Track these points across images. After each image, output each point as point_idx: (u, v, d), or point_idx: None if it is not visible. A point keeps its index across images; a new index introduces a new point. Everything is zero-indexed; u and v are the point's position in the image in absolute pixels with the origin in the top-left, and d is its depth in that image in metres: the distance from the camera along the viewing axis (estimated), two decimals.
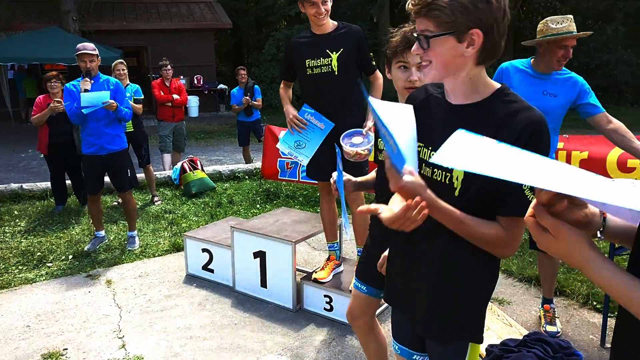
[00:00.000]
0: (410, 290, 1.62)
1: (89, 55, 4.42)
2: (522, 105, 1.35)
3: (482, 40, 1.31)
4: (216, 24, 17.39)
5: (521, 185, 1.31)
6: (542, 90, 3.12)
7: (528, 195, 1.32)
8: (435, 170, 1.45)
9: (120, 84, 4.71)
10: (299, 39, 3.42)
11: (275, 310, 3.64)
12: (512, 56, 20.03)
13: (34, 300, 3.83)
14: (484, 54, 1.34)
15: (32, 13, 15.30)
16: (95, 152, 4.50)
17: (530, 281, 4.02)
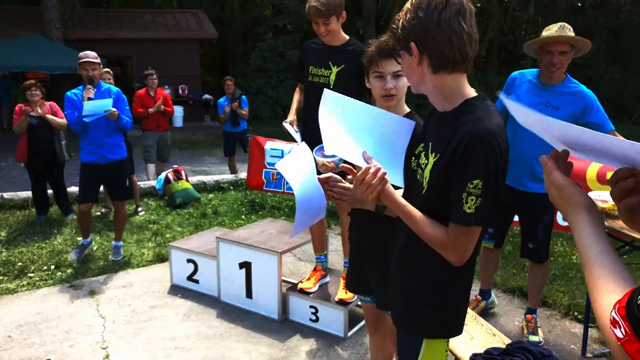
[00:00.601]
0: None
1: (91, 63, 4.41)
2: (473, 117, 1.43)
3: (420, 50, 1.44)
4: (202, 34, 17.39)
5: (460, 195, 1.41)
6: (545, 102, 3.08)
7: (465, 207, 1.40)
8: (418, 169, 1.60)
9: (121, 92, 4.69)
10: (312, 43, 3.43)
11: (261, 321, 3.64)
12: (497, 68, 20.48)
13: (16, 311, 3.77)
14: (433, 62, 1.44)
15: (14, 21, 15.13)
16: (96, 160, 4.47)
17: (514, 292, 4.09)
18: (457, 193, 1.41)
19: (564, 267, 4.55)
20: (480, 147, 1.37)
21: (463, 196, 1.40)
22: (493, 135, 1.38)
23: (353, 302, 3.45)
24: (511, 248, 5.04)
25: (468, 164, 1.39)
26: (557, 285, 4.17)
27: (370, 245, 2.22)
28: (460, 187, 1.40)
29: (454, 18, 1.39)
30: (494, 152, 1.38)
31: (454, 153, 1.41)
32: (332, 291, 3.60)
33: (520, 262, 4.66)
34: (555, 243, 5.22)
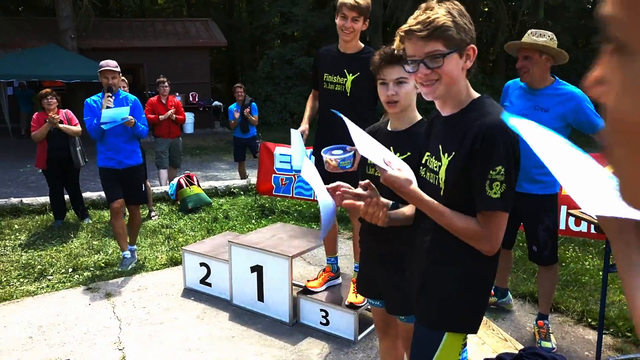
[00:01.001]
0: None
1: (111, 71, 4.54)
2: (481, 113, 1.53)
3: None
4: (211, 42, 17.59)
5: (483, 183, 1.48)
6: (534, 105, 3.18)
7: (490, 193, 1.47)
8: (429, 173, 1.68)
9: (138, 101, 4.81)
10: (326, 50, 3.47)
11: (272, 324, 3.70)
12: (504, 73, 20.44)
13: (36, 312, 3.87)
14: (473, 66, 1.57)
15: (31, 31, 15.43)
16: (113, 166, 4.58)
17: (525, 297, 4.09)
18: (481, 182, 1.49)
19: (576, 272, 4.55)
20: (498, 135, 1.46)
21: (486, 184, 1.47)
22: (506, 126, 1.45)
23: (363, 306, 3.49)
24: (521, 253, 5.05)
25: (490, 153, 1.47)
26: (569, 291, 4.17)
27: (380, 249, 2.25)
28: (483, 176, 1.48)
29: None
30: (510, 139, 1.47)
31: (472, 147, 1.49)
32: (342, 295, 3.65)
33: (531, 267, 4.67)
34: (567, 248, 5.22)
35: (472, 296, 1.65)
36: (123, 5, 22.65)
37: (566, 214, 4.53)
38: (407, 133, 2.08)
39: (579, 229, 4.57)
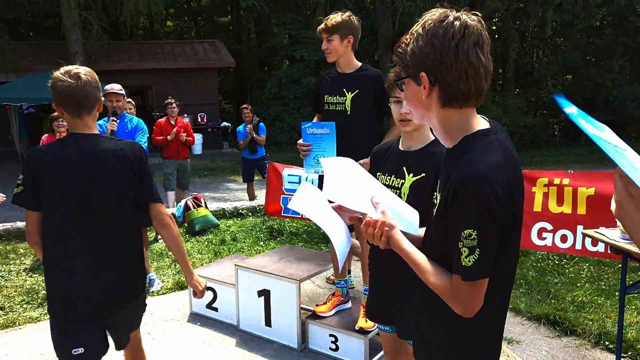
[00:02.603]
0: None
1: (116, 94, 4.57)
2: (465, 159, 1.31)
3: (431, 82, 1.32)
4: (219, 63, 17.78)
5: (457, 246, 1.29)
6: None
7: (462, 259, 1.28)
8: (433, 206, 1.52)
9: (142, 122, 4.81)
10: (326, 74, 3.50)
11: (280, 350, 3.60)
12: (514, 91, 20.42)
13: (39, 340, 3.79)
14: (444, 96, 1.32)
15: (41, 55, 15.70)
16: None
17: (540, 319, 3.97)
18: (455, 243, 1.31)
19: (592, 293, 4.41)
20: (469, 194, 1.25)
21: (460, 247, 1.29)
22: (483, 179, 1.24)
23: (374, 331, 3.39)
24: (534, 274, 4.93)
25: (458, 213, 1.28)
26: (585, 312, 4.04)
27: (389, 272, 2.19)
28: (456, 237, 1.30)
29: (472, 50, 1.28)
30: (485, 199, 1.23)
31: (447, 199, 1.32)
32: (352, 319, 3.55)
33: (545, 288, 4.54)
34: (582, 268, 5.09)
35: (471, 349, 1.47)
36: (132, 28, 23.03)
37: (582, 235, 4.41)
38: (421, 153, 2.02)
39: (595, 249, 4.45)
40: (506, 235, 1.32)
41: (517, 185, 1.33)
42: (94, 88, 2.16)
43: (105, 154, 2.13)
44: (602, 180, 4.48)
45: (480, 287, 1.32)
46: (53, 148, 2.14)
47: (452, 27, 1.28)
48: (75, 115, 2.13)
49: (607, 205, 4.41)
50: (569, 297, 4.32)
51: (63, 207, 2.09)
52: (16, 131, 14.22)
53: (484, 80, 1.33)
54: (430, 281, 1.39)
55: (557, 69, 18.84)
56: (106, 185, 2.13)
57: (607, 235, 3.09)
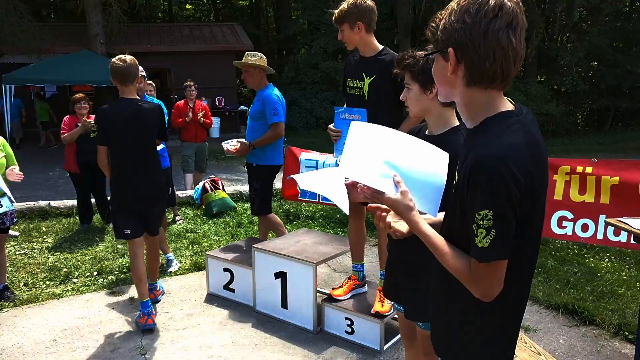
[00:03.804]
0: None
1: None
2: (483, 140, 1.29)
3: (458, 59, 1.30)
4: (238, 47, 17.71)
5: (472, 227, 1.28)
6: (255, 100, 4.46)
7: (477, 241, 1.27)
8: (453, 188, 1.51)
9: (163, 105, 4.82)
10: (352, 56, 3.45)
11: (295, 332, 3.63)
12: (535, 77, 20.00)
13: (61, 315, 3.89)
14: (469, 74, 1.30)
15: (62, 37, 15.83)
16: None
17: (558, 308, 3.93)
18: (471, 225, 1.29)
19: (612, 283, 4.35)
20: (484, 174, 1.23)
21: (475, 228, 1.27)
22: (499, 160, 1.22)
23: (389, 315, 3.39)
24: (553, 263, 4.87)
25: (474, 193, 1.26)
26: (605, 302, 3.98)
27: (404, 255, 2.21)
28: (471, 217, 1.28)
29: (503, 30, 1.25)
30: (502, 181, 1.21)
31: (464, 180, 1.30)
32: (368, 303, 3.55)
33: (564, 277, 4.49)
34: (603, 258, 5.01)
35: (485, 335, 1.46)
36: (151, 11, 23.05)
37: (604, 224, 4.34)
38: (439, 139, 1.99)
39: (617, 239, 4.37)
40: (525, 220, 1.29)
41: (538, 169, 1.29)
42: (134, 68, 3.57)
43: (143, 110, 3.60)
44: (627, 169, 4.38)
45: (498, 269, 1.29)
46: (112, 107, 3.62)
47: (486, 5, 1.25)
48: (123, 85, 3.57)
49: (632, 194, 4.34)
50: (589, 287, 4.26)
51: (120, 142, 3.56)
52: (37, 112, 14.42)
53: (512, 63, 1.29)
54: (449, 264, 1.38)
55: (582, 56, 18.37)
56: (144, 129, 3.61)
57: (631, 225, 3.02)
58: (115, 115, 3.55)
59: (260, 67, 4.39)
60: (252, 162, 4.49)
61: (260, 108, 4.37)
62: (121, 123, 3.53)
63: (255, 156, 4.43)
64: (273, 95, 4.38)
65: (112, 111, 3.58)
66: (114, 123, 3.53)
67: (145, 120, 3.60)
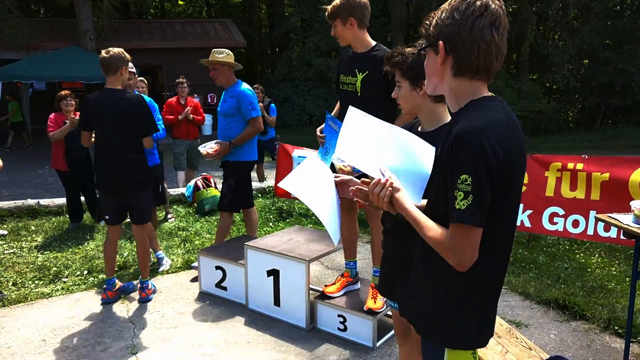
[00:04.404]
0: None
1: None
2: (466, 115, 1.44)
3: (447, 51, 1.46)
4: (230, 43, 17.61)
5: (453, 193, 1.39)
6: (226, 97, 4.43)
7: (456, 204, 1.37)
8: None
9: (153, 102, 4.79)
10: (345, 52, 3.44)
11: (288, 329, 3.62)
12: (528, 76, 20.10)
13: (50, 315, 3.85)
14: (456, 65, 1.46)
15: (51, 32, 15.66)
16: None
17: (549, 304, 3.96)
18: (451, 191, 1.40)
19: (602, 278, 4.38)
20: (466, 143, 1.36)
21: (455, 193, 1.38)
22: (480, 130, 1.36)
23: (382, 312, 3.39)
24: (545, 258, 4.90)
25: (456, 160, 1.38)
26: (595, 297, 4.01)
27: (398, 251, 2.21)
28: (452, 185, 1.39)
29: (487, 27, 1.41)
30: (481, 149, 1.34)
31: (447, 152, 1.42)
32: (361, 300, 3.55)
33: (555, 272, 4.52)
34: (593, 254, 5.04)
35: (464, 311, 1.54)
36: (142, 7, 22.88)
37: (595, 220, 4.37)
38: (431, 135, 1.98)
39: (607, 234, 4.40)
40: (501, 196, 1.41)
41: (516, 147, 1.41)
42: (117, 60, 3.73)
43: (122, 101, 3.76)
44: (617, 165, 4.41)
45: (472, 236, 1.39)
46: (94, 95, 3.85)
47: (473, 5, 1.42)
48: (106, 75, 3.78)
49: (622, 191, 4.37)
50: (579, 282, 4.29)
51: (98, 129, 3.81)
52: (27, 109, 14.26)
53: (494, 57, 1.44)
54: (429, 235, 1.47)
55: (573, 53, 18.46)
56: (119, 119, 3.73)
57: (620, 220, 3.04)
58: (94, 103, 3.78)
59: (229, 64, 4.37)
60: (227, 159, 4.47)
61: (235, 104, 4.35)
62: (99, 111, 3.74)
63: (231, 152, 4.42)
64: (247, 91, 4.39)
65: (93, 99, 3.81)
66: (92, 110, 3.78)
67: (123, 110, 3.73)
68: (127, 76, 3.92)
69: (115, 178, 3.84)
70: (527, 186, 4.83)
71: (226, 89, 4.47)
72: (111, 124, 3.75)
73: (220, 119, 4.50)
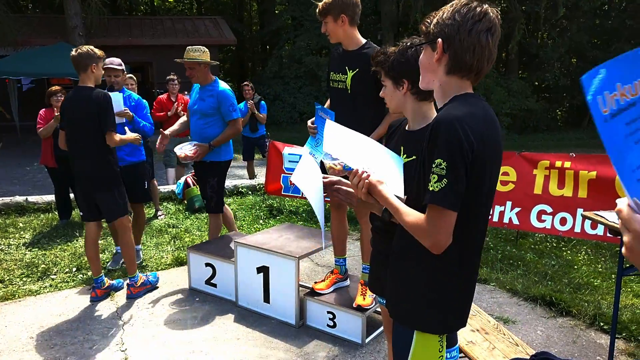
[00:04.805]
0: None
1: (114, 70, 4.55)
2: (446, 108, 1.54)
3: (443, 49, 1.54)
4: (221, 40, 17.57)
5: (429, 176, 1.46)
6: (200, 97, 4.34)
7: (431, 186, 1.45)
8: None
9: (142, 99, 4.78)
10: (335, 50, 3.44)
11: (277, 326, 3.63)
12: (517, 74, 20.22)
13: (38, 312, 3.82)
14: (450, 63, 1.55)
15: (40, 29, 15.51)
16: None
17: (536, 300, 4.00)
18: (427, 175, 1.48)
19: (588, 275, 4.44)
20: (442, 129, 1.44)
21: (430, 176, 1.46)
22: (457, 118, 1.44)
23: (371, 309, 3.41)
24: (532, 255, 4.95)
25: (432, 147, 1.47)
26: (581, 294, 4.07)
27: (386, 249, 2.23)
28: (429, 169, 1.47)
29: (484, 32, 1.52)
30: (456, 135, 1.42)
31: (426, 140, 1.52)
32: (350, 297, 3.57)
33: (542, 269, 4.57)
34: (579, 251, 5.11)
35: (433, 294, 1.63)
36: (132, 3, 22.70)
37: (582, 217, 4.42)
38: (417, 134, 2.00)
39: (594, 232, 4.46)
40: (475, 185, 1.49)
41: (490, 142, 1.50)
42: (85, 58, 3.74)
43: (86, 98, 3.73)
44: (604, 163, 4.46)
45: (446, 220, 1.46)
46: (68, 94, 3.88)
47: (474, 10, 1.53)
48: (77, 73, 3.80)
49: (608, 188, 4.42)
50: (566, 279, 4.35)
51: (68, 126, 3.80)
52: (15, 105, 14.11)
53: (486, 61, 1.54)
54: (406, 221, 1.55)
55: (563, 51, 18.62)
56: (82, 116, 3.73)
57: (606, 218, 3.08)
58: (66, 101, 3.82)
59: (206, 62, 4.27)
60: (205, 160, 4.34)
61: (215, 104, 4.26)
62: (67, 109, 3.78)
63: (209, 153, 4.32)
64: (228, 91, 4.31)
65: (66, 97, 3.87)
66: (64, 108, 3.82)
67: (86, 108, 3.71)
68: (99, 73, 3.84)
69: (79, 176, 3.84)
70: (516, 184, 4.88)
71: (203, 87, 4.35)
72: (76, 122, 3.74)
73: (195, 117, 4.36)
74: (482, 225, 1.63)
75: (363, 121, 3.17)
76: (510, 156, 4.92)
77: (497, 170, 1.60)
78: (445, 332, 1.67)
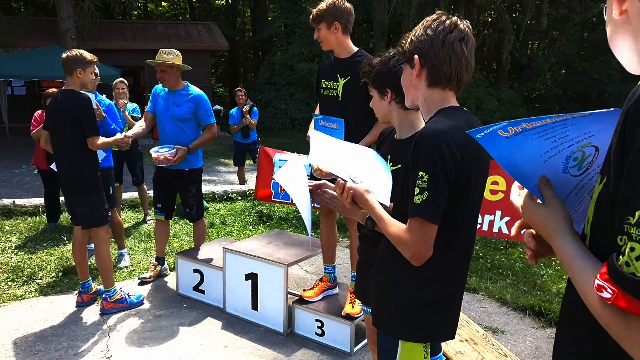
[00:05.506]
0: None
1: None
2: (430, 121, 1.59)
3: (422, 64, 1.59)
4: (213, 46, 17.56)
5: (413, 189, 1.49)
6: (171, 102, 4.26)
7: (413, 198, 1.48)
8: None
9: (114, 105, 4.78)
10: (326, 57, 3.45)
11: (265, 334, 3.60)
12: (508, 79, 20.38)
13: (22, 317, 3.76)
14: (430, 76, 1.59)
15: (32, 31, 15.40)
16: None
17: (525, 310, 4.00)
18: (411, 188, 1.50)
19: None
20: (425, 143, 1.47)
21: (413, 189, 1.49)
22: (439, 132, 1.47)
23: (360, 317, 3.40)
24: (522, 265, 4.97)
25: (416, 159, 1.50)
26: None
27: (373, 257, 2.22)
28: (412, 182, 1.50)
29: (457, 42, 1.57)
30: (439, 149, 1.45)
31: (410, 153, 1.54)
32: (339, 305, 3.55)
33: (532, 279, 4.58)
34: None
35: (415, 304, 1.64)
36: (126, 8, 22.65)
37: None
38: (404, 143, 2.00)
39: None
40: (459, 198, 1.51)
41: (475, 154, 1.51)
42: (72, 61, 3.71)
43: (68, 100, 3.68)
44: None
45: (427, 232, 1.49)
46: (54, 96, 3.82)
47: (444, 23, 1.58)
48: (64, 75, 3.76)
49: None
50: (555, 289, 4.36)
51: (51, 127, 3.79)
52: (5, 107, 13.99)
53: (464, 70, 1.59)
54: (389, 231, 1.57)
55: (553, 61, 18.84)
56: (61, 119, 3.68)
57: None
58: (51, 103, 3.83)
59: (178, 66, 4.22)
60: (183, 168, 4.29)
61: (192, 109, 4.24)
62: (51, 111, 3.78)
63: (186, 161, 4.26)
64: (204, 96, 4.33)
65: (52, 99, 3.87)
66: (48, 109, 3.85)
67: (66, 111, 3.67)
68: (87, 78, 3.78)
69: (61, 177, 3.80)
70: (505, 193, 4.90)
71: (173, 92, 4.27)
72: (56, 124, 3.72)
73: (170, 123, 4.26)
74: (469, 235, 1.65)
75: (353, 129, 3.18)
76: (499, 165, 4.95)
77: (484, 180, 1.64)
78: (430, 341, 1.68)
